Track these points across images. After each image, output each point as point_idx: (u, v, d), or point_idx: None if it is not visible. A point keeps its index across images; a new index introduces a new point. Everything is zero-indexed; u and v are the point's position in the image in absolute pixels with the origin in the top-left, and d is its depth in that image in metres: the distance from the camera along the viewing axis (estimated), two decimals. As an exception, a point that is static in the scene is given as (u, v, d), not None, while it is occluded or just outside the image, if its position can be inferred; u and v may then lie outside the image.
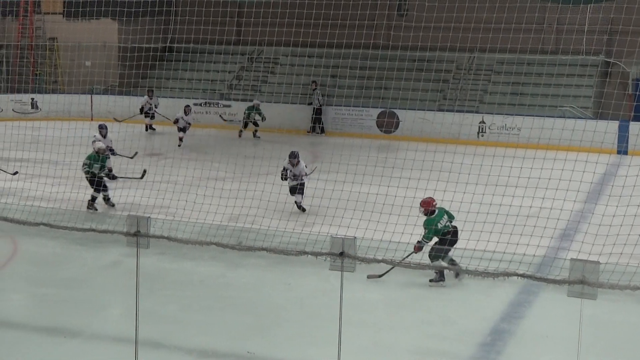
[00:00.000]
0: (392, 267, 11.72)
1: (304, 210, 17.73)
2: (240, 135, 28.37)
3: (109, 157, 18.54)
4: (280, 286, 12.78)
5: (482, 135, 27.23)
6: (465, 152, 18.52)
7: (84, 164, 17.67)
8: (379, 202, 14.82)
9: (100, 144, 17.90)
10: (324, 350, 9.81)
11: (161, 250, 13.59)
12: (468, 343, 10.75)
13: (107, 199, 17.86)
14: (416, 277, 12.63)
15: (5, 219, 7.89)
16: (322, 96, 30.37)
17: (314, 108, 30.07)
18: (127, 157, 20.01)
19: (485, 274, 5.67)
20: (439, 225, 12.90)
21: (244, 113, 28.55)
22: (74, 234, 13.68)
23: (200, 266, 13.55)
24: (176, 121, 26.92)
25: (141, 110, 29.03)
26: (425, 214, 13.10)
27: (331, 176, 19.25)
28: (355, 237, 5.45)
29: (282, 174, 17.84)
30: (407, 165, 17.66)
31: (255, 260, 13.31)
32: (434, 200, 13.27)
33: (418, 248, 12.57)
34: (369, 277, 12.29)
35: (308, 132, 30.15)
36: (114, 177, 18.25)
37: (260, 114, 28.36)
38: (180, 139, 26.75)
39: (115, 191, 17.86)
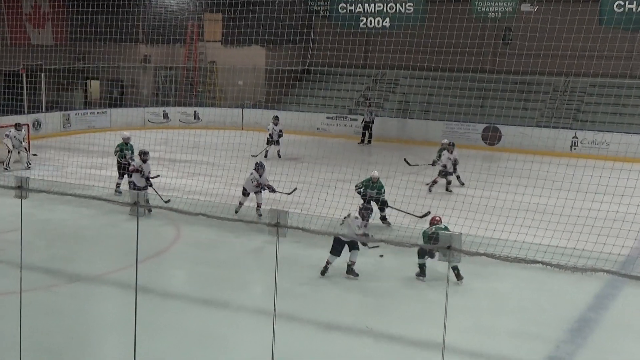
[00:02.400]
0: None
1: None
2: (433, 185, 19.81)
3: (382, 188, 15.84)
4: (396, 272, 12.74)
5: (575, 149, 26.47)
6: (560, 162, 18.06)
7: (357, 186, 16.09)
8: (483, 204, 14.62)
9: (375, 173, 15.81)
10: (431, 330, 9.74)
11: (297, 239, 13.73)
12: (558, 328, 10.50)
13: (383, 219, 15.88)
14: (514, 269, 12.38)
15: (172, 209, 8.12)
16: (374, 110, 30.03)
17: (365, 121, 29.41)
18: (284, 192, 16.80)
19: (574, 269, 5.51)
20: (428, 232, 12.42)
21: (437, 155, 20.80)
22: (226, 223, 14.04)
23: (328, 253, 13.62)
24: (269, 137, 25.00)
25: (268, 139, 25.20)
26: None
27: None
28: (461, 233, 5.37)
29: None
30: (508, 173, 17.38)
31: (376, 250, 13.31)
32: (438, 217, 12.88)
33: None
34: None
35: (359, 143, 29.37)
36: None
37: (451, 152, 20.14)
38: (278, 152, 24.97)
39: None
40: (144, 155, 16.57)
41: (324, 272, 12.44)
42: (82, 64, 32.42)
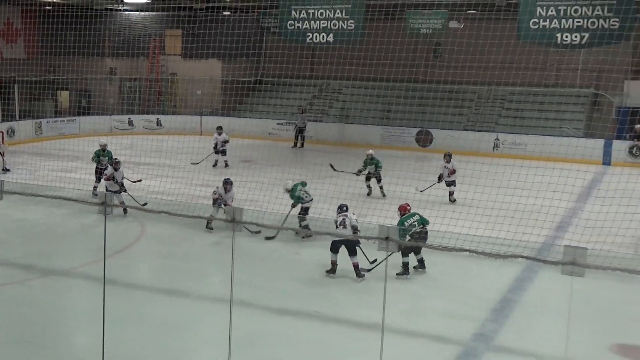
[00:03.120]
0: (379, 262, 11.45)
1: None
2: (369, 194, 18.47)
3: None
4: (340, 262, 12.76)
5: (497, 149, 26.91)
6: (484, 162, 18.34)
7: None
8: (416, 200, 14.78)
9: (287, 184, 14.70)
10: (373, 312, 9.84)
11: (251, 233, 13.75)
12: (483, 308, 10.67)
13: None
14: (445, 257, 12.54)
15: (137, 208, 8.09)
16: (306, 117, 29.49)
17: (297, 127, 28.89)
18: (251, 231, 14.10)
19: (497, 256, 5.63)
20: (406, 224, 11.50)
21: (362, 167, 18.79)
22: (187, 220, 13.96)
23: (280, 246, 13.64)
24: (215, 146, 22.68)
25: (214, 148, 22.84)
26: (401, 216, 11.83)
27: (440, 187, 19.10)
28: (397, 226, 5.44)
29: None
30: (439, 172, 17.60)
31: (322, 242, 13.35)
32: (408, 206, 12.05)
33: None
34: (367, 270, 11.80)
35: (292, 146, 28.72)
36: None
37: (377, 165, 18.55)
38: (225, 162, 22.59)
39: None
40: (115, 164, 16.22)
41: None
42: (52, 76, 31.73)
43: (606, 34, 16.05)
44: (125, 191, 16.01)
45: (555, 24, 17.77)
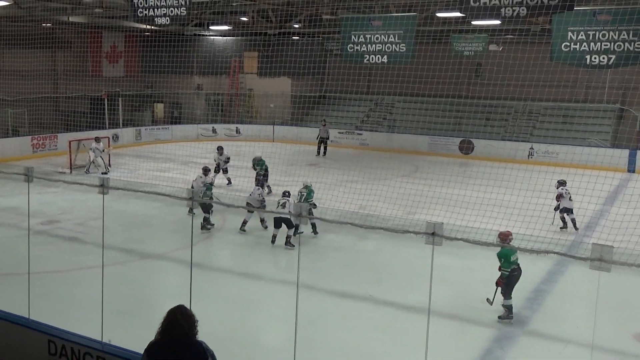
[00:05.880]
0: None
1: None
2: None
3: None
4: (391, 253, 12.68)
5: (531, 157, 26.30)
6: (520, 168, 17.94)
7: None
8: (459, 200, 14.56)
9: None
10: (419, 296, 9.71)
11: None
12: (518, 297, 10.39)
13: None
14: (484, 251, 12.27)
15: (219, 203, 8.15)
16: (328, 129, 28.01)
17: (321, 137, 27.51)
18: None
19: (532, 251, 5.46)
20: (512, 259, 9.52)
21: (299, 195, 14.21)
22: (262, 213, 14.07)
23: (339, 237, 13.61)
24: (217, 166, 19.47)
25: (216, 168, 19.37)
26: (503, 242, 9.36)
27: (427, 181, 19.05)
28: (442, 223, 5.34)
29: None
30: (479, 176, 17.31)
31: (375, 235, 13.29)
32: (510, 234, 9.73)
33: (501, 280, 9.59)
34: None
35: (316, 155, 27.12)
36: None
37: (310, 194, 14.08)
38: (228, 179, 19.56)
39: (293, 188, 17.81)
40: (205, 171, 15.40)
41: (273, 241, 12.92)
42: (150, 91, 32.52)
43: (631, 55, 15.47)
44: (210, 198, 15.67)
45: (584, 46, 17.21)
